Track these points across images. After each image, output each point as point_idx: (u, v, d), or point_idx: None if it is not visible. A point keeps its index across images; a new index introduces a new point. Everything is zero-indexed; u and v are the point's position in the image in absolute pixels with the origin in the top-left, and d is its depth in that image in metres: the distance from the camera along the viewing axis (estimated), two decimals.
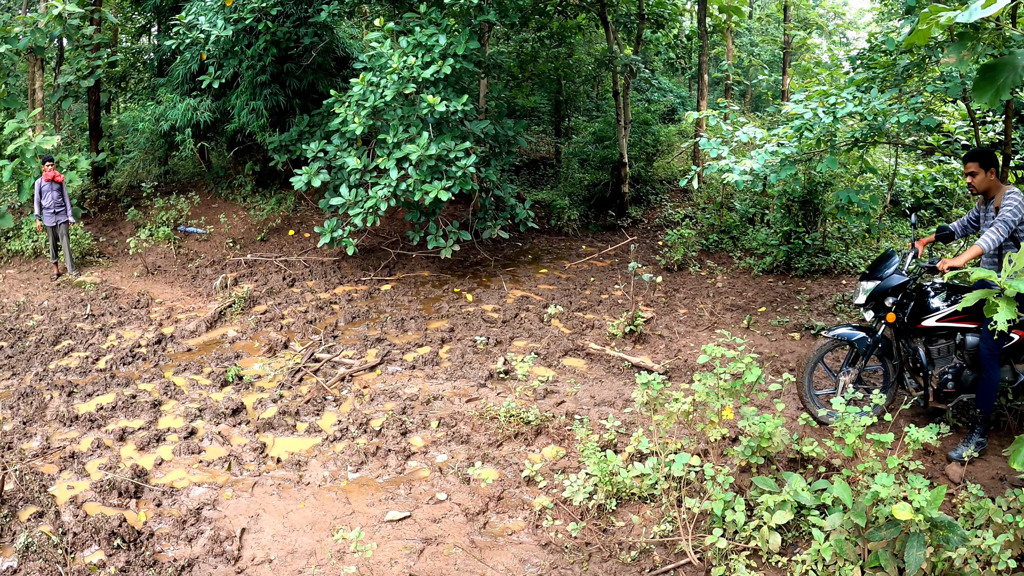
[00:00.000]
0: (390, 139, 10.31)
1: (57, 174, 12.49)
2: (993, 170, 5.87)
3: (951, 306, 6.04)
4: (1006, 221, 5.67)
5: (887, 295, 6.21)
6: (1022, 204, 5.67)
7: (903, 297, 6.19)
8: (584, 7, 16.44)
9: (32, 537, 5.16)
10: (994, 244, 5.69)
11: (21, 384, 8.22)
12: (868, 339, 6.29)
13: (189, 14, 11.88)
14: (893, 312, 6.17)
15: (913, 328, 6.19)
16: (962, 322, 6.03)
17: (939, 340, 6.16)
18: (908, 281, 6.14)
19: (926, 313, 6.12)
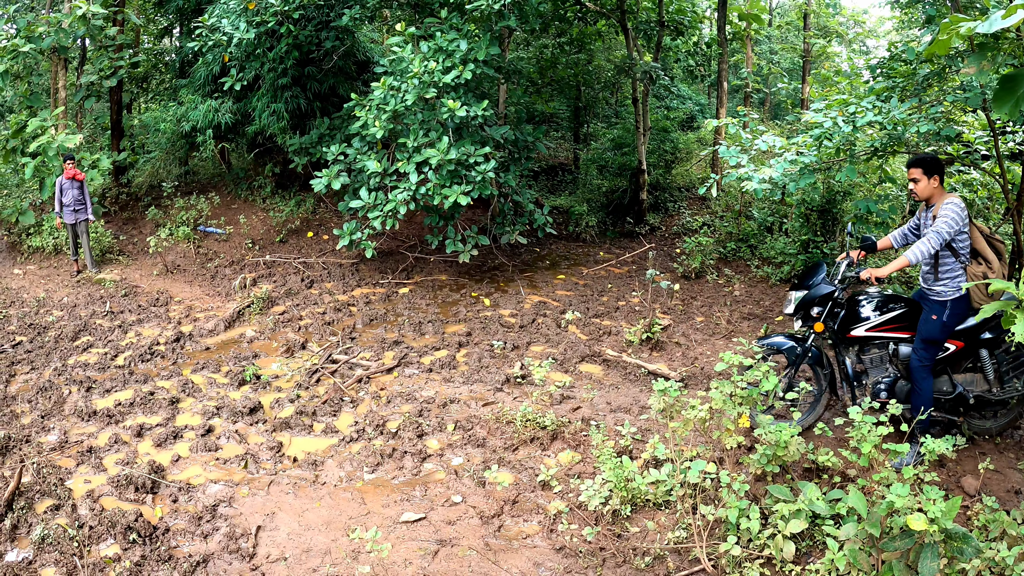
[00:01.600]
0: (410, 143, 10.35)
1: (78, 172, 12.61)
2: (937, 177, 5.79)
3: (882, 315, 6.07)
4: (939, 232, 5.61)
5: (814, 304, 6.26)
6: (959, 215, 5.60)
7: (833, 306, 6.20)
8: (604, 14, 16.45)
9: (48, 529, 5.21)
10: (923, 256, 5.66)
11: (40, 379, 8.30)
12: (798, 348, 6.33)
13: (212, 16, 11.98)
14: (821, 322, 6.20)
15: (843, 337, 6.24)
16: (894, 331, 6.08)
17: (872, 350, 6.21)
18: (835, 291, 6.15)
19: (856, 322, 6.15)
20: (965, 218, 5.64)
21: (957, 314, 5.79)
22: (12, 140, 14.67)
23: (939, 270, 5.81)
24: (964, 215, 5.63)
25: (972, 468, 5.81)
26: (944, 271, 5.79)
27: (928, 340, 5.83)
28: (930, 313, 5.84)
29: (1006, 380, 5.99)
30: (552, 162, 21.13)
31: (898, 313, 6.08)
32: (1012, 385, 5.97)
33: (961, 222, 5.60)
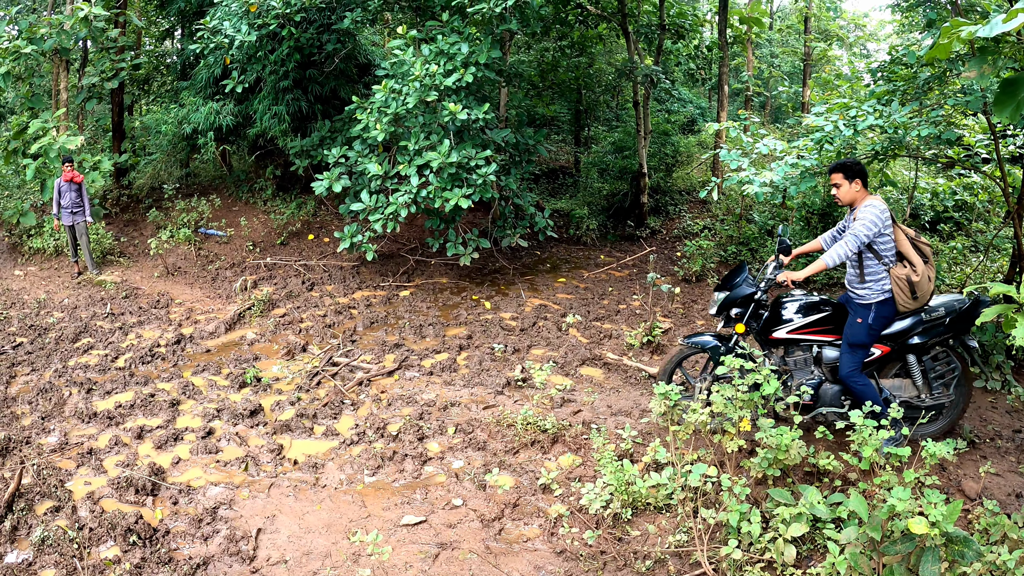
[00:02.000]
0: (411, 146, 10.36)
1: (76, 174, 12.63)
2: (858, 181, 5.81)
3: (804, 318, 6.13)
4: (857, 235, 5.65)
5: (735, 305, 6.33)
6: (878, 217, 5.63)
7: (757, 308, 6.27)
8: (605, 17, 16.47)
9: (48, 531, 5.22)
10: (839, 259, 5.70)
11: (40, 380, 8.30)
12: (721, 348, 6.40)
13: (213, 19, 11.99)
14: (743, 323, 6.27)
15: (767, 339, 6.31)
16: (817, 334, 6.12)
17: (796, 352, 6.26)
18: (756, 292, 6.21)
19: (779, 324, 6.20)
20: (885, 220, 5.67)
21: (882, 317, 5.83)
22: (14, 141, 14.70)
23: (863, 273, 5.85)
24: (884, 217, 5.66)
25: (973, 472, 5.81)
26: (868, 273, 5.83)
27: (854, 344, 5.88)
28: (855, 316, 5.89)
29: (934, 387, 6.01)
30: (553, 165, 21.14)
31: (821, 316, 6.13)
32: (940, 392, 6.00)
33: (880, 224, 5.64)
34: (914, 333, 5.91)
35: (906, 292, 5.74)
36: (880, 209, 5.64)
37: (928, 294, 5.79)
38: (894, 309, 5.83)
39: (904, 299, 5.76)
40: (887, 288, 5.78)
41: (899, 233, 5.82)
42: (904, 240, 5.80)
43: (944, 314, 5.84)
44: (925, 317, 5.87)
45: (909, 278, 5.70)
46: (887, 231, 5.73)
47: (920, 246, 5.86)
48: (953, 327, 5.85)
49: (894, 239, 5.80)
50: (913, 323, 5.89)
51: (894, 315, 5.87)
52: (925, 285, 5.74)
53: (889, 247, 5.77)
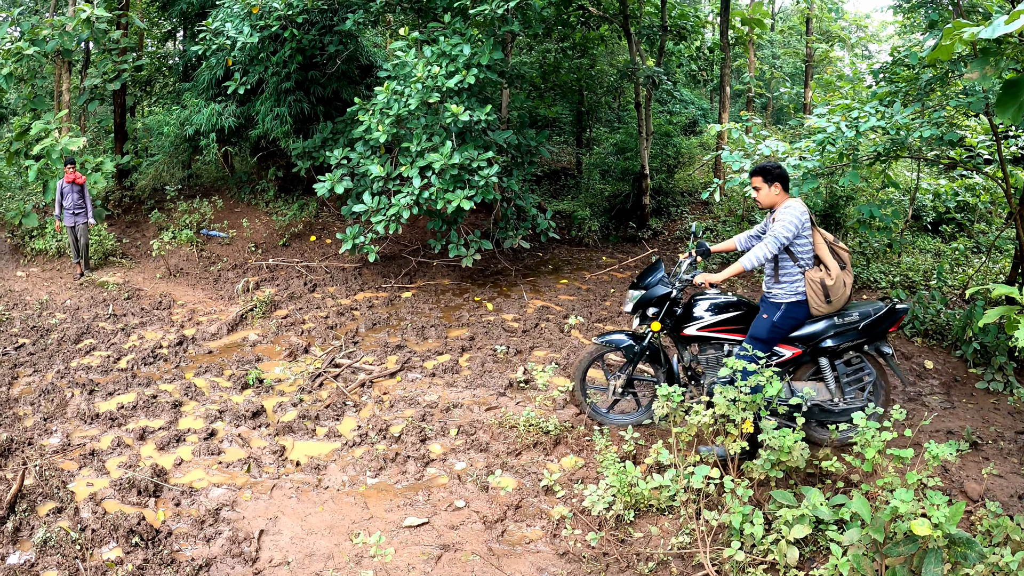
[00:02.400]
0: (413, 147, 10.36)
1: (78, 176, 12.67)
2: (778, 184, 5.86)
3: (715, 316, 6.20)
4: (776, 237, 5.71)
5: (651, 304, 6.37)
6: (797, 219, 5.68)
7: (672, 306, 6.34)
8: (607, 19, 16.48)
9: (50, 532, 5.22)
10: (757, 262, 5.79)
11: (43, 381, 8.31)
12: (635, 346, 6.50)
13: (215, 20, 12.00)
14: (658, 321, 6.33)
15: (679, 336, 6.39)
16: (727, 333, 6.21)
17: (708, 349, 6.34)
18: (671, 292, 6.28)
19: (690, 322, 6.29)
20: (803, 223, 5.72)
21: (791, 318, 5.88)
22: (16, 143, 14.73)
23: (778, 273, 5.89)
24: (803, 220, 5.70)
25: (976, 473, 5.81)
26: (783, 275, 5.88)
27: (755, 338, 5.93)
28: (762, 312, 5.96)
29: (847, 392, 6.05)
30: (555, 166, 21.15)
31: (732, 315, 6.20)
32: (854, 397, 6.04)
33: (798, 227, 5.69)
34: (826, 337, 5.95)
35: (820, 295, 5.80)
36: (799, 211, 5.70)
37: (843, 299, 5.85)
38: (806, 312, 5.89)
39: (817, 302, 5.83)
40: (800, 290, 5.84)
41: (818, 237, 5.87)
42: (822, 244, 5.84)
43: (858, 319, 5.89)
44: (838, 321, 5.91)
45: (823, 281, 5.75)
46: (805, 234, 5.78)
47: (838, 251, 5.89)
48: (867, 332, 5.90)
49: (812, 243, 5.85)
50: (826, 327, 5.93)
51: (806, 317, 5.93)
52: (839, 290, 5.79)
53: (806, 250, 5.82)
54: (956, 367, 8.20)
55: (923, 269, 11.56)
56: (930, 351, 8.62)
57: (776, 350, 5.97)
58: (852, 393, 6.03)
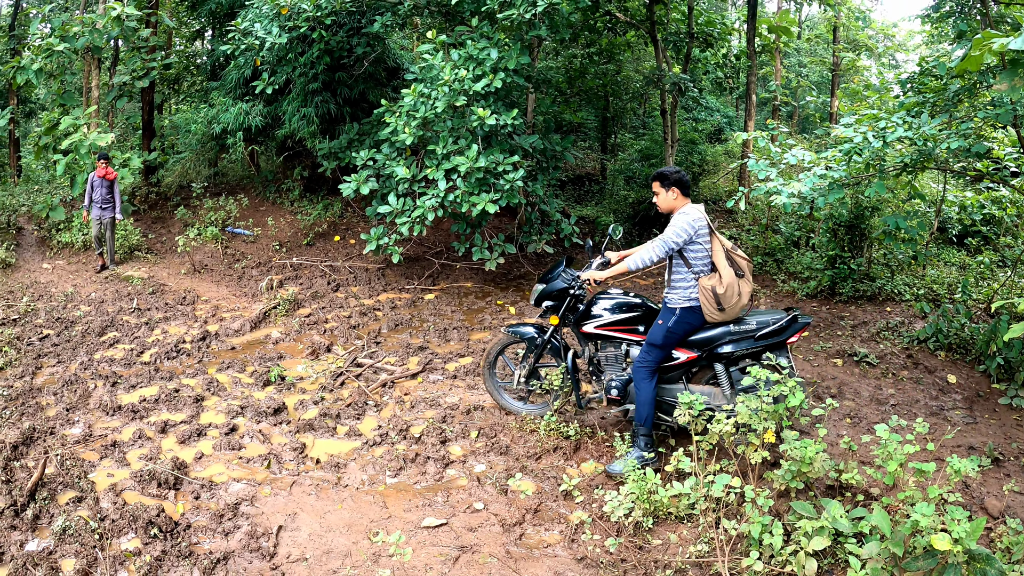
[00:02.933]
0: (439, 150, 10.39)
1: (109, 171, 12.82)
2: (675, 189, 5.96)
3: (612, 315, 6.38)
4: (664, 241, 5.82)
5: (549, 298, 6.63)
6: (690, 225, 5.78)
7: (574, 301, 6.53)
8: (634, 24, 16.46)
9: (70, 521, 5.26)
10: (643, 264, 5.93)
11: (66, 372, 8.40)
12: (537, 339, 6.80)
13: (244, 20, 12.10)
14: (557, 316, 6.56)
15: (580, 332, 6.58)
16: (624, 333, 6.38)
17: (608, 347, 6.49)
18: (569, 287, 6.49)
19: (589, 319, 6.48)
20: (698, 229, 5.81)
21: (686, 323, 5.95)
22: (45, 137, 14.91)
23: (672, 279, 5.99)
24: (697, 226, 5.80)
25: (996, 490, 5.76)
26: (677, 280, 5.98)
27: (651, 344, 6.01)
28: (659, 318, 6.03)
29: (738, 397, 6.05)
30: (579, 172, 21.15)
31: (629, 316, 6.36)
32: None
33: (690, 232, 5.78)
34: (721, 343, 6.02)
35: (712, 303, 5.84)
36: (693, 217, 5.80)
37: (738, 307, 5.88)
38: (701, 317, 5.96)
39: (710, 309, 5.88)
40: (694, 296, 5.91)
41: (716, 244, 5.91)
42: (719, 251, 5.89)
43: (755, 328, 5.95)
44: (734, 329, 5.98)
45: (715, 289, 5.80)
46: (699, 240, 5.86)
47: (735, 259, 5.92)
48: (763, 341, 5.94)
49: (710, 249, 5.91)
50: (721, 333, 6.00)
51: (702, 323, 6.00)
52: (732, 298, 5.81)
53: (701, 256, 5.89)
54: (979, 382, 8.13)
55: (948, 282, 11.46)
56: (953, 365, 8.55)
57: (673, 353, 6.08)
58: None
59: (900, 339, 9.29)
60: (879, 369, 8.52)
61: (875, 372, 8.45)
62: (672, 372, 6.20)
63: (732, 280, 5.79)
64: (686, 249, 5.87)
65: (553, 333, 6.79)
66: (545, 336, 6.80)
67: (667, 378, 6.22)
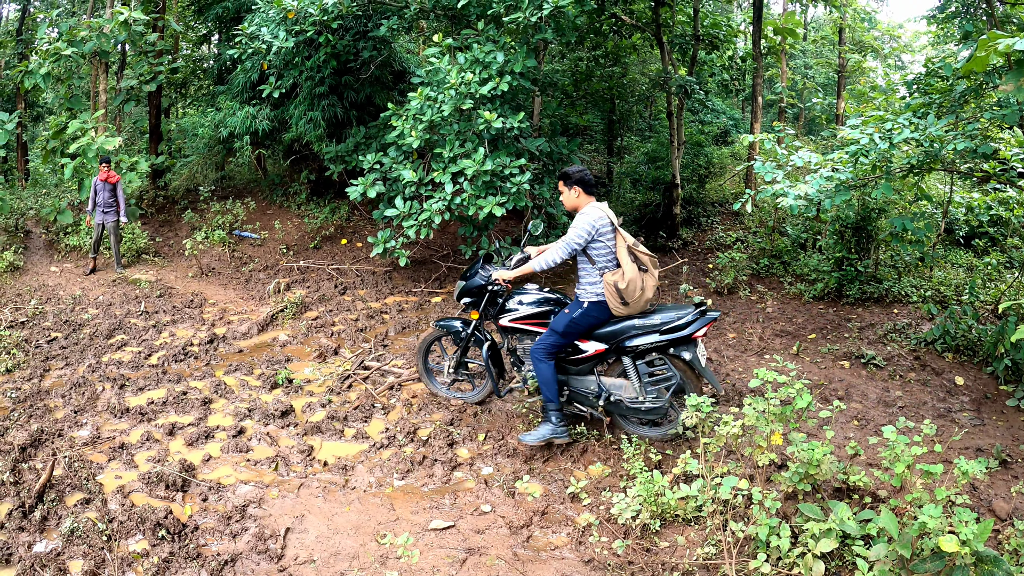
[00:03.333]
0: (446, 153, 10.40)
1: (112, 174, 12.92)
2: (576, 188, 6.21)
3: (526, 309, 6.72)
4: (568, 243, 6.09)
5: (469, 294, 7.02)
6: (591, 224, 6.01)
7: (494, 296, 6.91)
8: (639, 27, 16.47)
9: (78, 522, 5.27)
10: (548, 265, 6.25)
11: (74, 374, 8.43)
12: (462, 332, 7.20)
13: (251, 25, 12.13)
14: (477, 310, 6.98)
15: (499, 326, 6.95)
16: (537, 326, 6.69)
17: (526, 340, 6.86)
18: (487, 284, 6.85)
19: (505, 313, 6.85)
20: (599, 228, 6.05)
21: (591, 316, 6.21)
22: (52, 141, 14.98)
23: (579, 274, 6.31)
24: (598, 225, 6.04)
25: (1004, 492, 5.74)
26: (583, 276, 6.27)
27: (553, 329, 6.28)
28: (567, 308, 6.35)
29: (650, 391, 6.32)
30: None
31: (542, 310, 6.68)
32: (656, 397, 6.31)
33: (591, 232, 6.03)
34: (627, 336, 6.25)
35: (615, 297, 6.07)
36: (594, 217, 6.04)
37: (641, 301, 6.13)
38: (607, 311, 6.20)
39: (614, 304, 6.10)
40: (599, 291, 6.16)
41: (620, 240, 6.15)
42: (623, 247, 6.12)
43: (659, 323, 6.16)
44: (639, 323, 6.22)
45: (616, 284, 6.01)
46: (601, 238, 6.09)
47: (637, 255, 6.15)
48: (670, 335, 6.15)
49: (614, 247, 6.16)
50: (627, 327, 6.24)
51: (608, 317, 6.24)
52: (635, 292, 6.04)
53: (604, 253, 6.13)
54: (987, 384, 8.11)
55: (955, 283, 11.44)
56: (961, 367, 8.53)
57: (581, 346, 6.38)
58: (655, 393, 6.30)
59: (907, 341, 9.27)
60: (886, 371, 8.51)
61: (882, 374, 8.44)
62: (583, 364, 6.51)
63: (635, 275, 6.02)
64: (589, 247, 6.11)
65: (477, 327, 7.17)
66: (469, 329, 7.17)
67: (579, 370, 6.53)
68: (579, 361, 6.50)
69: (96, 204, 12.92)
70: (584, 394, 6.56)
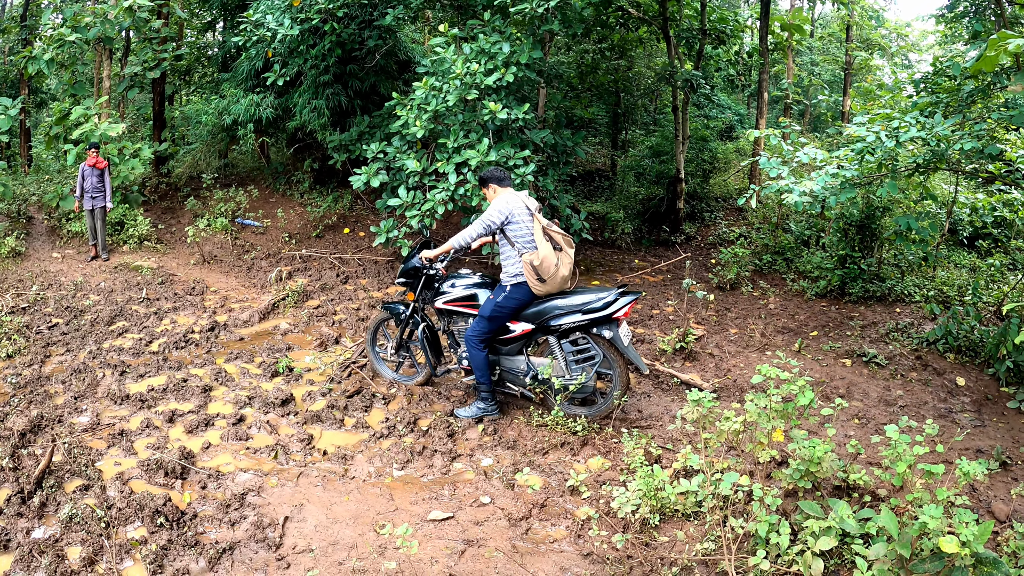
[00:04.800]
0: (450, 144, 10.38)
1: (100, 160, 12.96)
2: (491, 185, 6.76)
3: (455, 292, 7.07)
4: (482, 221, 6.48)
5: (405, 277, 7.36)
6: (503, 207, 6.45)
7: (430, 280, 7.25)
8: (646, 20, 16.41)
9: (76, 508, 5.26)
10: (464, 242, 6.66)
11: (75, 361, 8.42)
12: (403, 314, 7.49)
13: (256, 12, 12.09)
14: (413, 293, 7.31)
15: (435, 308, 7.25)
16: (468, 308, 7.02)
17: (459, 322, 7.19)
18: (422, 267, 7.21)
19: (438, 296, 7.18)
20: (511, 211, 6.46)
21: (514, 298, 6.60)
22: (55, 127, 14.96)
23: (501, 258, 6.70)
24: (509, 208, 6.46)
25: (1004, 493, 5.73)
26: (504, 258, 6.67)
27: (481, 315, 6.68)
28: (492, 293, 6.75)
29: (574, 370, 6.59)
30: (590, 168, 21.10)
31: (471, 293, 7.01)
32: (580, 375, 6.55)
33: (504, 214, 6.44)
34: (550, 316, 6.58)
35: (532, 275, 6.44)
36: (506, 200, 6.49)
37: (558, 278, 6.48)
38: (529, 292, 6.57)
39: (533, 282, 6.47)
40: (519, 272, 6.55)
41: (536, 224, 6.51)
42: (539, 229, 6.49)
43: (581, 303, 6.47)
44: (561, 303, 6.55)
45: (532, 262, 6.40)
46: (516, 219, 6.49)
47: (552, 235, 6.53)
48: (592, 314, 6.44)
49: (531, 228, 6.51)
50: (549, 307, 6.58)
51: (531, 298, 6.61)
52: (550, 269, 6.40)
53: (521, 235, 6.51)
54: (988, 385, 8.10)
55: (958, 284, 11.42)
56: (962, 368, 8.52)
57: (509, 327, 6.72)
58: (579, 370, 6.60)
59: (909, 340, 9.26)
60: (888, 370, 8.50)
61: (884, 373, 8.43)
62: (511, 344, 6.84)
63: (549, 253, 6.42)
64: (507, 229, 6.52)
65: (416, 309, 7.44)
66: (409, 311, 7.44)
67: (509, 350, 6.82)
68: (508, 341, 6.83)
69: (84, 190, 12.93)
70: (515, 373, 6.88)
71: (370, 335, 7.96)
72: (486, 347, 6.74)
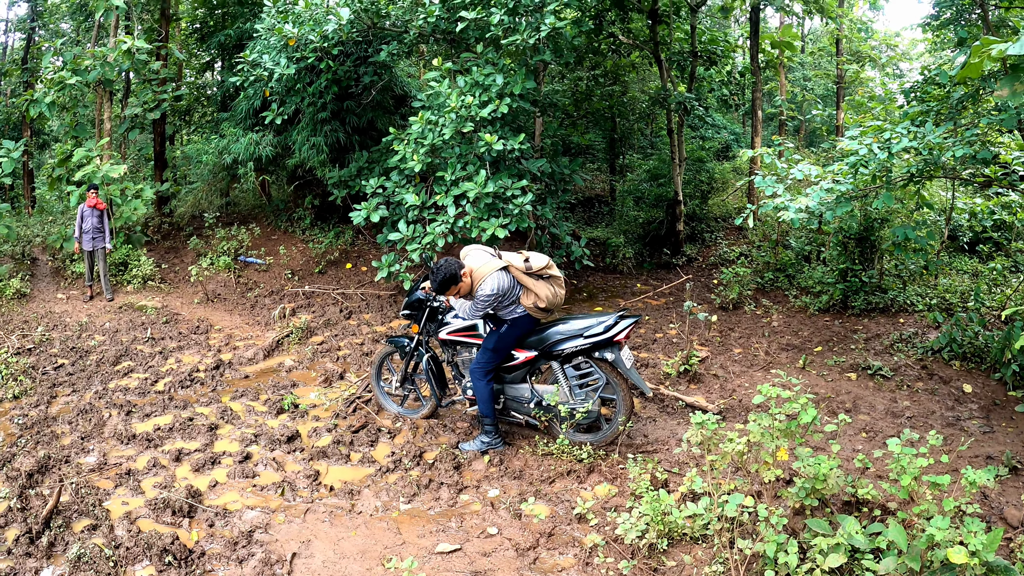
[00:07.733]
0: (448, 176, 10.44)
1: (99, 202, 13.05)
2: (463, 278, 6.52)
3: (459, 323, 7.06)
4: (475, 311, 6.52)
5: (409, 309, 7.37)
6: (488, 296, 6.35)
7: (435, 312, 7.27)
8: (637, 46, 16.54)
9: (85, 548, 5.27)
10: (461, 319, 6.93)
11: (81, 401, 8.45)
12: (407, 346, 7.52)
13: (253, 52, 12.22)
14: (417, 325, 7.31)
15: (439, 340, 7.29)
16: (472, 339, 7.01)
17: (463, 352, 7.20)
18: (426, 299, 7.22)
19: (442, 327, 7.19)
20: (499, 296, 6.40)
21: (516, 328, 6.67)
22: (58, 169, 15.08)
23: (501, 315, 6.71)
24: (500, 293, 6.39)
25: (1015, 499, 5.71)
26: (504, 314, 6.69)
27: (485, 348, 6.75)
28: (493, 323, 6.76)
29: (577, 395, 6.64)
30: (588, 194, 21.18)
31: (473, 322, 7.00)
32: (584, 400, 6.62)
33: (492, 304, 6.44)
34: (554, 342, 6.66)
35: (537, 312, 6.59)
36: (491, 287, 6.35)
37: (557, 301, 6.58)
38: (530, 323, 6.67)
39: (537, 313, 6.60)
40: (520, 310, 6.62)
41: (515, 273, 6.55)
42: (523, 277, 6.54)
43: (582, 328, 6.54)
44: (563, 328, 6.65)
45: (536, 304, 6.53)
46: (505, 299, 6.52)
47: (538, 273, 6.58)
48: (593, 339, 6.50)
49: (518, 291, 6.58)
50: (551, 333, 6.68)
51: (533, 326, 6.72)
52: (554, 300, 6.56)
53: (511, 301, 6.59)
54: (995, 390, 8.08)
55: (960, 290, 11.42)
56: (968, 374, 8.51)
57: (513, 354, 6.78)
58: (583, 395, 6.68)
59: (914, 350, 9.25)
60: (893, 382, 8.49)
61: (890, 385, 8.42)
62: (515, 372, 6.89)
63: (547, 291, 6.51)
64: (498, 309, 6.62)
65: (420, 342, 7.44)
66: (414, 343, 7.47)
67: (512, 377, 6.86)
68: (512, 369, 6.88)
69: (84, 231, 12.99)
70: (520, 401, 6.90)
71: (375, 369, 7.99)
72: (491, 379, 6.78)
